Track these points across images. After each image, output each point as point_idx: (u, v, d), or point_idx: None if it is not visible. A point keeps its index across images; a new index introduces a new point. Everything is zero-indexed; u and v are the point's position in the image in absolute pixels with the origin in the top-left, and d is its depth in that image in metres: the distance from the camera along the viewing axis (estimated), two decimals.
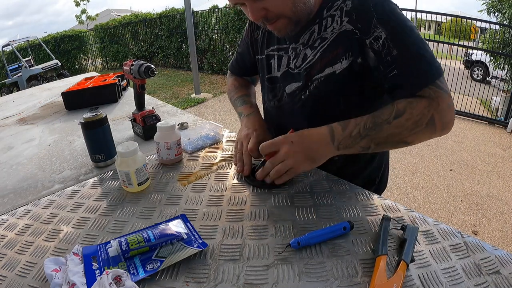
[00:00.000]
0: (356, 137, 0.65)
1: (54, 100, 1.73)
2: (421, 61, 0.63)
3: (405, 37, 0.64)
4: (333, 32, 0.71)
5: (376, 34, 0.65)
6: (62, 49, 11.18)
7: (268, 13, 0.66)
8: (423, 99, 0.63)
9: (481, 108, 4.98)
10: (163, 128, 0.88)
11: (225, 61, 7.96)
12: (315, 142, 0.67)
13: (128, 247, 0.57)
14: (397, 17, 0.65)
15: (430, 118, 0.63)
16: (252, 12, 0.66)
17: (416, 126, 0.63)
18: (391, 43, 0.64)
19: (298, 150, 0.67)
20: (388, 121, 0.63)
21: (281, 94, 0.85)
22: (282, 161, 0.68)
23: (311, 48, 0.75)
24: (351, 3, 0.68)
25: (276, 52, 0.84)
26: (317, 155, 0.68)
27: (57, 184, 0.88)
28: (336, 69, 0.71)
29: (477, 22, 5.45)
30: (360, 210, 0.67)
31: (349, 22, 0.68)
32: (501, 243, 2.19)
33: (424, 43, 0.65)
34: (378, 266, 0.51)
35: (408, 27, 0.65)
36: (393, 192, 2.81)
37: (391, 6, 0.66)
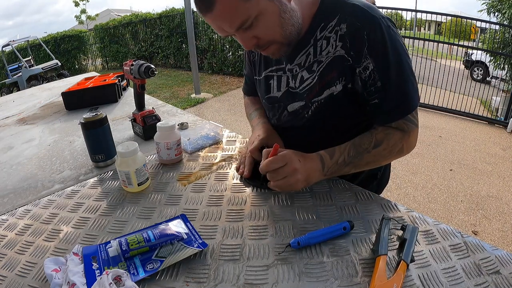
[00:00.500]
0: (341, 164, 0.71)
1: (54, 100, 1.73)
2: (400, 96, 0.69)
3: (391, 71, 0.67)
4: (328, 55, 0.72)
5: (365, 64, 0.68)
6: (62, 49, 11.17)
7: (260, 41, 0.68)
8: (397, 131, 0.72)
9: (481, 108, 4.98)
10: (163, 128, 0.88)
11: (225, 61, 7.96)
12: (313, 165, 0.70)
13: (128, 247, 0.57)
14: (388, 48, 0.66)
15: (400, 147, 0.73)
16: (243, 42, 0.67)
17: (389, 154, 0.73)
18: (377, 75, 0.68)
19: (301, 170, 0.68)
20: (368, 150, 0.71)
21: (280, 113, 0.86)
22: (285, 177, 0.67)
23: (309, 71, 0.76)
24: (345, 27, 0.68)
25: (275, 72, 0.84)
26: (312, 179, 0.71)
27: (57, 184, 0.88)
28: (333, 91, 0.73)
29: (477, 22, 5.44)
30: (360, 210, 0.67)
31: (342, 48, 0.69)
32: (501, 243, 2.19)
33: (408, 76, 0.68)
34: (378, 266, 0.51)
35: (396, 59, 0.67)
36: (393, 192, 2.81)
37: (385, 33, 0.66)
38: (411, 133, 0.72)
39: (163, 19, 9.37)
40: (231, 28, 0.64)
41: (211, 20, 0.63)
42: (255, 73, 0.94)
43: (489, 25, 5.02)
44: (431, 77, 4.95)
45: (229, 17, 0.62)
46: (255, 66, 0.93)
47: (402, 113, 0.70)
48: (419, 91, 0.73)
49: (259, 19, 0.63)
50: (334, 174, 0.72)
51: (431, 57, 5.12)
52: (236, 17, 0.61)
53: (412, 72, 0.70)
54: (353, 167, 0.72)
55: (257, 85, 0.95)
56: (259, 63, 0.90)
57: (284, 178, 0.67)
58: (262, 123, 0.91)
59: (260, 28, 0.65)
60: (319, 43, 0.73)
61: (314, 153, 0.72)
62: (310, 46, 0.74)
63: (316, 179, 0.71)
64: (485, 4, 5.30)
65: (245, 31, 0.65)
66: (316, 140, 0.78)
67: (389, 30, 0.66)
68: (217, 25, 0.64)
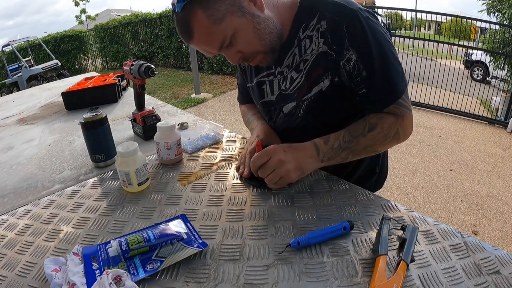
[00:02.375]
0: (337, 149, 0.72)
1: (54, 100, 1.73)
2: (386, 82, 0.71)
3: (374, 59, 0.69)
4: (312, 53, 0.74)
5: (348, 56, 0.69)
6: (62, 49, 11.17)
7: (244, 54, 0.71)
8: (390, 115, 0.73)
9: (481, 108, 4.98)
10: (163, 128, 0.88)
11: (225, 61, 7.95)
12: (304, 153, 0.71)
13: (128, 247, 0.57)
14: (369, 37, 0.67)
15: (396, 131, 0.74)
16: (229, 58, 0.72)
17: (385, 138, 0.74)
18: (361, 65, 0.69)
19: (290, 159, 0.69)
20: (363, 134, 0.72)
21: (276, 115, 0.88)
22: (273, 170, 0.69)
23: (297, 71, 0.78)
24: (325, 24, 0.70)
25: (266, 77, 0.86)
26: (306, 166, 0.71)
27: (57, 184, 0.88)
28: (321, 87, 0.75)
29: (477, 22, 5.44)
30: (360, 210, 0.67)
31: (324, 44, 0.71)
32: (501, 243, 2.19)
33: (392, 62, 0.70)
34: (378, 266, 0.51)
35: (378, 47, 0.68)
36: (393, 192, 2.81)
37: (364, 24, 0.67)
38: (405, 117, 0.74)
39: (163, 19, 9.36)
40: (214, 50, 0.69)
41: (195, 47, 0.69)
42: (247, 80, 0.96)
43: (489, 25, 5.02)
44: (431, 77, 4.95)
45: (208, 41, 0.67)
46: (246, 74, 0.96)
47: (391, 99, 0.72)
48: (406, 76, 0.74)
49: (236, 36, 0.67)
50: (331, 160, 0.73)
51: (431, 57, 5.12)
52: (214, 40, 0.67)
53: (396, 59, 0.71)
54: (351, 152, 0.73)
55: (251, 92, 0.96)
56: (249, 70, 0.92)
57: (274, 172, 0.69)
58: (260, 124, 0.93)
59: (240, 44, 0.69)
60: (303, 43, 0.75)
61: (308, 142, 0.73)
62: (295, 46, 0.76)
63: (312, 166, 0.72)
64: (485, 4, 5.30)
65: (228, 48, 0.69)
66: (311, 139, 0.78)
67: (368, 21, 0.68)
68: (202, 49, 0.70)
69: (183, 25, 0.66)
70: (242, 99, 1.09)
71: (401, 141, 0.77)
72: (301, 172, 0.71)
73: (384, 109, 0.73)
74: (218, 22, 0.64)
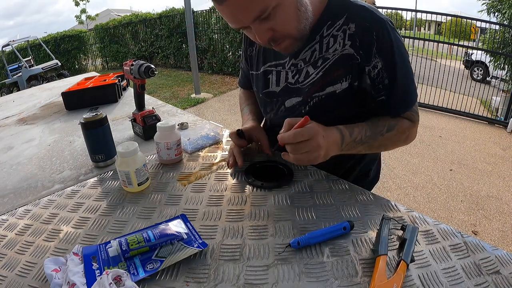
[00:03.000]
0: (358, 142, 0.72)
1: (54, 100, 1.73)
2: (404, 91, 0.74)
3: (397, 68, 0.71)
4: (335, 53, 0.73)
5: (374, 63, 0.71)
6: (62, 49, 11.17)
7: (275, 34, 0.66)
8: (406, 120, 0.77)
9: (481, 108, 4.98)
10: (163, 128, 0.88)
11: (225, 61, 7.96)
12: (332, 141, 0.68)
13: (128, 247, 0.57)
14: (394, 48, 0.70)
15: (406, 136, 0.78)
16: (259, 34, 0.65)
17: (398, 141, 0.77)
18: (385, 73, 0.71)
19: (324, 146, 0.65)
20: (382, 133, 0.74)
21: (278, 107, 0.87)
22: (307, 151, 0.64)
23: (314, 67, 0.77)
24: (354, 27, 0.70)
25: (274, 68, 0.85)
26: (330, 153, 0.69)
27: (57, 184, 0.88)
28: (336, 88, 0.75)
29: (477, 22, 5.44)
30: (360, 210, 0.67)
31: (351, 47, 0.71)
32: (501, 243, 2.19)
33: (410, 72, 0.74)
34: (378, 266, 0.51)
35: (401, 58, 0.71)
36: (393, 192, 2.81)
37: (391, 34, 0.70)
38: (416, 123, 0.79)
39: (163, 19, 9.36)
40: (248, 18, 0.62)
41: (228, 9, 0.61)
42: (252, 67, 0.94)
43: (489, 25, 5.02)
44: (431, 77, 4.95)
45: (248, 5, 0.59)
46: (251, 61, 0.94)
47: (408, 106, 0.76)
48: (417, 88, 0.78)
49: (277, 9, 0.61)
50: (348, 151, 0.73)
51: (431, 57, 5.12)
52: (255, 6, 0.60)
53: (411, 69, 0.75)
54: (367, 147, 0.74)
55: (253, 80, 0.95)
56: (257, 58, 0.91)
57: (307, 153, 0.64)
58: (250, 119, 0.95)
59: (278, 20, 0.63)
60: (325, 40, 0.74)
61: (333, 127, 0.70)
62: (315, 42, 0.75)
63: (333, 153, 0.70)
64: (485, 4, 5.30)
65: (261, 22, 0.63)
66: None
67: (394, 32, 0.71)
68: (232, 15, 0.62)
69: None
70: (242, 84, 1.09)
71: (407, 144, 0.81)
72: (325, 158, 0.68)
73: (399, 115, 0.76)
74: None
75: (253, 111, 0.99)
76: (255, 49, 0.91)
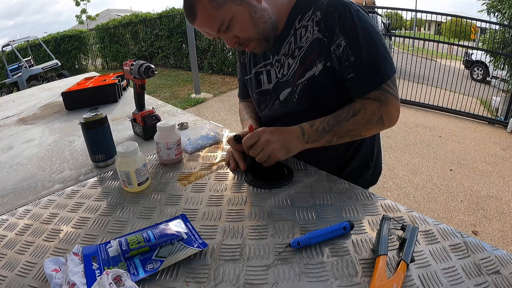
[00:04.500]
0: (321, 132, 0.78)
1: (54, 100, 1.73)
2: (371, 68, 0.75)
3: (361, 46, 0.74)
4: (307, 40, 0.80)
5: (338, 42, 0.75)
6: (62, 49, 11.17)
7: (239, 39, 0.78)
8: (374, 101, 0.77)
9: (481, 108, 4.97)
10: (163, 128, 0.88)
11: (225, 61, 7.96)
12: (289, 135, 0.78)
13: (128, 247, 0.57)
14: (357, 26, 0.73)
15: (379, 117, 0.77)
16: (227, 41, 0.79)
17: (368, 123, 0.78)
18: (350, 50, 0.75)
19: (275, 139, 0.77)
20: (347, 119, 0.77)
21: (272, 102, 0.93)
22: (262, 149, 0.77)
23: (292, 57, 0.84)
24: (320, 14, 0.77)
25: (263, 68, 0.93)
26: (292, 146, 0.78)
27: (57, 184, 0.88)
28: (314, 72, 0.80)
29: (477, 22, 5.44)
30: (360, 210, 0.67)
31: (319, 31, 0.77)
32: (501, 243, 2.19)
33: (379, 50, 0.75)
34: (378, 266, 0.51)
35: (366, 35, 0.74)
36: (393, 192, 2.81)
37: (353, 14, 0.74)
38: (389, 103, 0.77)
39: (163, 19, 9.36)
40: (213, 32, 0.76)
41: (197, 27, 0.76)
42: (246, 73, 1.02)
43: (489, 25, 5.02)
44: (431, 77, 4.95)
45: (209, 23, 0.74)
46: (245, 67, 1.02)
47: (376, 84, 0.76)
48: (394, 64, 0.78)
49: (233, 21, 0.74)
50: (316, 142, 0.79)
51: (431, 57, 5.12)
52: (214, 23, 0.74)
53: (384, 47, 0.76)
54: (334, 135, 0.78)
55: (248, 84, 1.02)
56: (248, 62, 0.99)
57: (262, 151, 0.77)
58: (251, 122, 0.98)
59: (236, 29, 0.76)
60: (298, 32, 0.81)
61: (295, 125, 0.80)
62: (291, 35, 0.83)
63: (297, 146, 0.79)
64: (485, 4, 5.30)
65: (225, 32, 0.76)
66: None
67: (358, 13, 0.75)
68: (203, 30, 0.77)
69: (188, 7, 0.74)
70: (241, 95, 1.13)
71: (386, 127, 0.80)
72: (287, 151, 0.78)
73: (369, 92, 0.77)
74: (218, 7, 0.71)
75: (253, 117, 1.03)
76: (247, 56, 0.99)
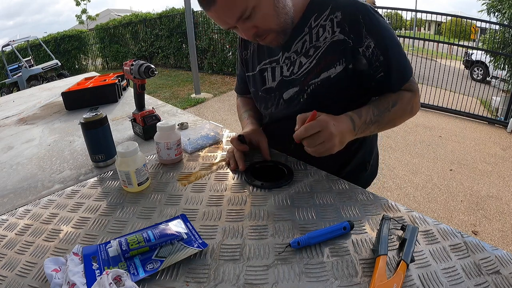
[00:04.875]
0: (368, 123, 0.76)
1: (54, 100, 1.73)
2: (400, 65, 0.78)
3: (388, 45, 0.76)
4: (325, 41, 0.78)
5: (367, 43, 0.75)
6: (62, 49, 11.17)
7: (258, 30, 0.74)
8: (407, 92, 0.80)
9: (481, 108, 4.97)
10: (163, 128, 0.88)
11: (225, 61, 7.96)
12: (345, 128, 0.72)
13: (128, 247, 0.57)
14: (381, 27, 0.75)
15: (411, 107, 0.81)
16: (244, 32, 0.73)
17: (404, 113, 0.80)
18: (378, 51, 0.75)
19: (336, 133, 0.69)
20: (388, 109, 0.77)
21: (277, 101, 0.91)
22: (322, 142, 0.68)
23: (306, 56, 0.82)
24: (340, 15, 0.76)
25: (268, 65, 0.90)
26: (345, 140, 0.72)
27: (57, 184, 0.88)
28: (330, 73, 0.79)
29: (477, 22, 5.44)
30: (360, 210, 0.67)
31: (341, 32, 0.76)
32: (501, 243, 2.19)
33: (401, 47, 0.79)
34: (378, 266, 0.51)
35: (389, 35, 0.76)
36: (393, 192, 2.81)
37: (375, 15, 0.75)
38: (416, 93, 0.82)
39: (163, 19, 9.36)
40: (232, 19, 0.70)
41: (214, 14, 0.69)
42: (248, 69, 0.99)
43: (489, 25, 5.02)
44: (431, 77, 4.95)
45: (230, 9, 0.68)
46: (247, 64, 0.99)
47: (406, 78, 0.79)
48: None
49: (256, 9, 0.69)
50: (362, 133, 0.77)
51: (431, 57, 5.12)
52: (236, 9, 0.68)
53: (400, 44, 0.80)
54: (377, 126, 0.78)
55: (249, 82, 0.99)
56: (252, 59, 0.96)
57: (322, 144, 0.68)
58: (250, 123, 0.97)
59: (258, 18, 0.71)
60: (314, 31, 0.80)
61: (343, 115, 0.74)
62: (305, 34, 0.81)
63: (348, 139, 0.74)
64: (485, 4, 5.30)
65: (244, 22, 0.71)
66: None
67: (377, 14, 0.77)
68: (219, 18, 0.71)
69: None
70: (239, 90, 1.12)
71: (413, 115, 0.83)
72: (341, 145, 0.71)
73: (401, 88, 0.79)
74: None
75: (252, 115, 1.02)
76: (250, 51, 0.96)
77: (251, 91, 1.00)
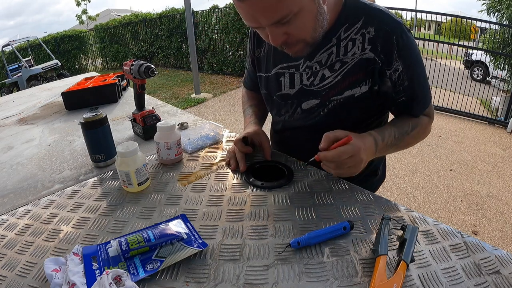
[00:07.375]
0: (389, 145, 0.75)
1: (54, 100, 1.73)
2: (423, 90, 0.77)
3: (415, 70, 0.74)
4: (354, 57, 0.73)
5: (395, 66, 0.72)
6: (62, 49, 11.18)
7: (289, 38, 0.66)
8: (425, 116, 0.81)
9: (481, 108, 4.97)
10: (163, 128, 0.88)
11: (225, 61, 7.96)
12: (369, 152, 0.70)
13: (128, 247, 0.57)
14: (411, 50, 0.72)
15: (428, 130, 0.83)
16: (273, 37, 0.65)
17: (419, 136, 0.81)
18: (405, 75, 0.73)
19: (365, 160, 0.68)
20: (408, 132, 0.77)
21: (294, 109, 0.86)
22: (350, 166, 0.66)
23: (330, 70, 0.77)
24: (373, 31, 0.70)
25: (286, 70, 0.84)
26: (367, 161, 0.70)
27: (57, 184, 0.88)
28: (355, 92, 0.76)
29: (477, 22, 5.44)
30: (360, 210, 0.67)
31: (371, 51, 0.71)
32: (501, 243, 2.19)
33: (424, 70, 0.77)
34: (378, 266, 0.51)
35: (418, 60, 0.74)
36: (393, 192, 2.81)
37: (409, 37, 0.71)
38: (432, 117, 0.83)
39: (163, 19, 9.37)
40: (268, 21, 0.61)
41: (248, 8, 0.60)
42: (260, 69, 0.92)
43: (489, 25, 5.02)
44: (431, 77, 4.94)
45: (270, 9, 0.59)
46: (260, 63, 0.92)
47: (427, 104, 0.80)
48: None
49: (298, 16, 0.61)
50: (380, 154, 0.76)
51: (431, 57, 5.12)
52: (277, 11, 0.59)
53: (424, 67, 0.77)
54: (396, 148, 0.77)
55: (261, 82, 0.93)
56: (266, 59, 0.89)
57: (349, 167, 0.66)
58: (252, 123, 0.95)
59: (295, 26, 0.63)
60: (343, 43, 0.74)
61: (366, 134, 0.71)
62: (332, 45, 0.75)
63: (369, 160, 0.71)
64: (485, 4, 5.30)
65: (278, 26, 0.62)
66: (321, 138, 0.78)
67: (410, 33, 0.72)
68: (251, 15, 0.61)
69: None
70: (247, 84, 1.08)
71: (425, 138, 0.84)
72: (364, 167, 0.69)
73: (422, 113, 0.80)
74: None
75: (256, 113, 0.99)
76: (264, 50, 0.89)
77: (262, 93, 0.95)
